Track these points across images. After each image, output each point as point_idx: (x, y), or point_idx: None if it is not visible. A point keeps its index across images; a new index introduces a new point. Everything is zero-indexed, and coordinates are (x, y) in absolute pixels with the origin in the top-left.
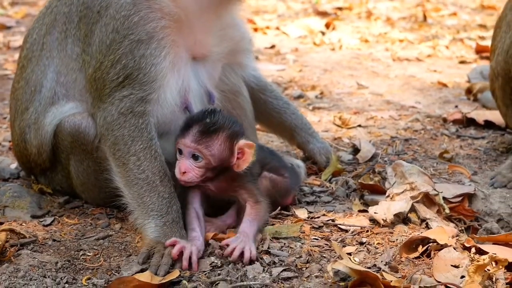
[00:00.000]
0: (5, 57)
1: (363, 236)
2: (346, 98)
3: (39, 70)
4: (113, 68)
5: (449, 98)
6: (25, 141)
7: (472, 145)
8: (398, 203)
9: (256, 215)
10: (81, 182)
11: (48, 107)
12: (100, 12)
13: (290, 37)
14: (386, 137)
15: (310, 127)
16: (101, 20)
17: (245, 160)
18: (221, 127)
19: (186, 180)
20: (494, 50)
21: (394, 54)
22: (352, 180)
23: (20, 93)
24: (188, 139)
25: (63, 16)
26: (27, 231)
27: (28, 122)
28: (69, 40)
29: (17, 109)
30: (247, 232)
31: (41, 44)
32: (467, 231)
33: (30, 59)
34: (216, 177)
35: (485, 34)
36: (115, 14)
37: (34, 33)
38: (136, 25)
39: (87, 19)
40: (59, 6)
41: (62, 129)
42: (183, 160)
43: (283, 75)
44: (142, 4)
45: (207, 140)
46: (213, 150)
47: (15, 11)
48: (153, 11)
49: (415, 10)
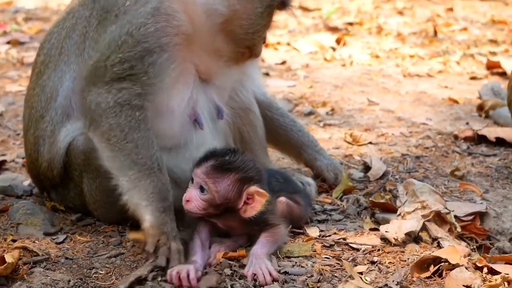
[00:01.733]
0: (19, 73)
1: (375, 255)
2: (357, 114)
3: (56, 77)
4: (120, 64)
5: (460, 114)
6: (38, 152)
7: (484, 162)
8: (410, 222)
9: (272, 238)
10: (94, 199)
11: (64, 119)
12: (118, 15)
13: (301, 53)
14: (397, 154)
15: (317, 144)
16: (117, 22)
17: (253, 207)
18: (235, 168)
19: (188, 209)
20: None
21: (405, 70)
22: (363, 198)
23: (35, 100)
24: (201, 169)
25: (84, 20)
26: (40, 249)
27: (43, 134)
28: (86, 43)
29: (31, 117)
30: (258, 253)
31: (59, 49)
32: (479, 250)
33: (47, 65)
34: (221, 215)
35: (496, 50)
36: (132, 19)
37: (52, 37)
38: (151, 35)
39: (106, 22)
40: (81, 10)
41: (75, 147)
42: (191, 189)
43: (293, 91)
44: (161, 17)
45: (217, 176)
46: (219, 187)
47: (28, 26)
48: (169, 26)
49: (426, 25)
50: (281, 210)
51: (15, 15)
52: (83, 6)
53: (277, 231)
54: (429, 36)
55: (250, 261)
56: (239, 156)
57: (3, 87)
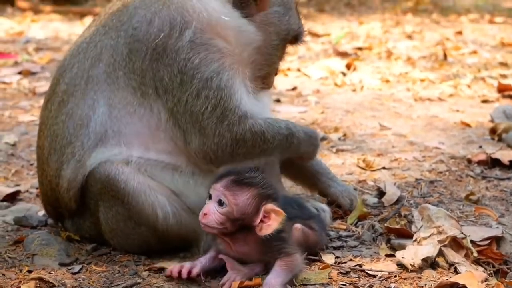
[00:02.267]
0: (31, 103)
1: (391, 282)
2: (369, 139)
3: (86, 104)
4: (197, 99)
5: (472, 138)
6: (60, 177)
7: (498, 186)
8: (426, 247)
9: (287, 266)
10: (110, 228)
11: (98, 144)
12: (156, 49)
13: (311, 78)
14: (411, 179)
15: (329, 172)
16: (162, 60)
17: (269, 225)
18: (255, 184)
19: (205, 222)
20: None
21: (416, 94)
22: (378, 224)
23: (60, 128)
24: (220, 184)
25: (109, 49)
26: (56, 279)
27: (70, 158)
28: (119, 73)
29: (53, 145)
30: (271, 283)
31: (85, 78)
32: (496, 275)
33: (72, 93)
34: (236, 235)
35: (506, 72)
36: (175, 56)
37: (74, 67)
38: (199, 65)
39: (140, 54)
40: (104, 39)
41: (93, 175)
42: (209, 203)
43: (305, 117)
44: (200, 47)
45: (237, 189)
46: (238, 200)
47: (39, 56)
48: (211, 53)
49: (435, 49)
50: (297, 237)
51: (26, 46)
52: (105, 35)
53: (292, 260)
54: (439, 60)
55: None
56: (259, 174)
57: (15, 117)
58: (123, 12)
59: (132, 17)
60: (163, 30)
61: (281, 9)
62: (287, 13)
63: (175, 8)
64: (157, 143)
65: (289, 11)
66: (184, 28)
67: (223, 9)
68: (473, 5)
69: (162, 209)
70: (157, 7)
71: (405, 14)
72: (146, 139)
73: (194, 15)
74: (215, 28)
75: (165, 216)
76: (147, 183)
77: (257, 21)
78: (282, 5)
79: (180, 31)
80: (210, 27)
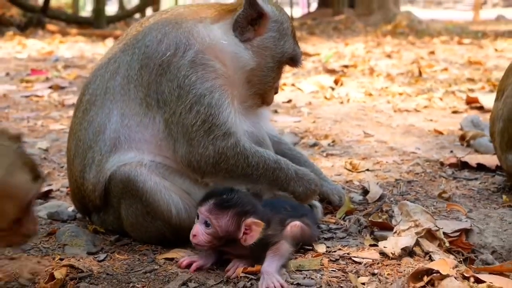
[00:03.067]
0: (60, 114)
1: (375, 268)
2: (355, 145)
3: (103, 113)
4: (189, 113)
5: (444, 144)
6: (84, 179)
7: (467, 185)
8: (405, 238)
9: (277, 253)
10: (130, 223)
11: (112, 149)
12: (162, 65)
13: (304, 92)
14: (391, 179)
15: (321, 172)
16: (165, 75)
17: (252, 236)
18: (232, 205)
19: (196, 242)
20: (502, 90)
21: (395, 106)
22: (363, 218)
23: (83, 134)
24: (204, 208)
25: (125, 64)
26: (84, 266)
27: (91, 162)
28: (131, 86)
29: (77, 149)
30: (267, 270)
31: (104, 89)
32: (465, 262)
33: (93, 103)
34: (227, 245)
35: (473, 87)
36: (176, 73)
37: (97, 80)
38: (195, 83)
39: (148, 69)
40: (122, 56)
41: (114, 177)
42: (198, 225)
43: (299, 126)
44: (198, 67)
45: (218, 212)
46: (221, 222)
47: (67, 73)
48: (208, 72)
49: (411, 67)
50: (295, 232)
51: (55, 64)
52: (123, 52)
53: (279, 246)
54: (415, 76)
55: (262, 278)
56: (235, 194)
57: (47, 126)
58: (139, 32)
59: (146, 37)
60: (170, 49)
61: (277, 35)
62: (283, 38)
63: (182, 31)
64: (161, 150)
65: (285, 37)
66: (188, 48)
67: (223, 35)
68: (444, 28)
69: (175, 206)
70: (168, 29)
71: (385, 37)
72: (152, 146)
73: (198, 38)
74: (214, 51)
75: (178, 212)
76: (162, 183)
77: (255, 45)
78: (278, 31)
79: (184, 51)
80: (210, 49)
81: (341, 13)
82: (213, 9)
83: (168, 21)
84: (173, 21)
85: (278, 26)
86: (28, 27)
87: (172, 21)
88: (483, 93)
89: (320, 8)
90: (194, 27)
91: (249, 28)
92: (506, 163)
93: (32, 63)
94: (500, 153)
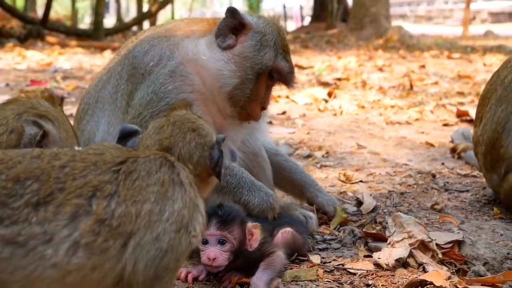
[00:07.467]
0: None
1: (369, 279)
2: (348, 157)
3: (93, 121)
4: (151, 118)
5: (436, 156)
6: None
7: (458, 197)
8: (398, 250)
9: (269, 266)
10: None
11: None
12: (144, 74)
13: (298, 104)
14: (384, 191)
15: (316, 184)
16: (144, 82)
17: (255, 239)
18: (234, 216)
19: (218, 265)
20: (480, 118)
21: (387, 118)
22: (357, 229)
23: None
24: (212, 228)
25: (116, 74)
26: None
27: None
28: (118, 95)
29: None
30: (256, 283)
31: (96, 98)
32: (457, 273)
33: (86, 111)
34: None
35: (463, 100)
36: (154, 80)
37: (91, 89)
38: (170, 92)
39: (134, 78)
40: (115, 66)
41: None
42: (210, 248)
43: (293, 137)
44: (177, 78)
45: (228, 227)
46: (235, 234)
47: (66, 84)
48: (185, 85)
49: (403, 80)
50: (287, 239)
51: (54, 74)
52: (116, 63)
53: (273, 258)
54: (406, 89)
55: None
56: (226, 207)
57: None
58: (132, 44)
59: (135, 48)
60: (154, 60)
61: (257, 45)
62: (263, 49)
63: (168, 44)
64: None
65: (265, 48)
66: (170, 59)
67: (206, 49)
68: (434, 43)
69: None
70: (155, 42)
71: (377, 50)
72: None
73: (182, 52)
74: (196, 66)
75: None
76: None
77: (236, 53)
78: (259, 42)
79: (167, 61)
80: (191, 63)
81: (334, 27)
82: (205, 22)
83: (158, 35)
84: (163, 35)
85: (260, 37)
86: (27, 39)
87: (162, 34)
88: (473, 106)
89: (313, 22)
90: (181, 41)
91: (231, 36)
92: (491, 182)
93: (32, 74)
94: (485, 172)
